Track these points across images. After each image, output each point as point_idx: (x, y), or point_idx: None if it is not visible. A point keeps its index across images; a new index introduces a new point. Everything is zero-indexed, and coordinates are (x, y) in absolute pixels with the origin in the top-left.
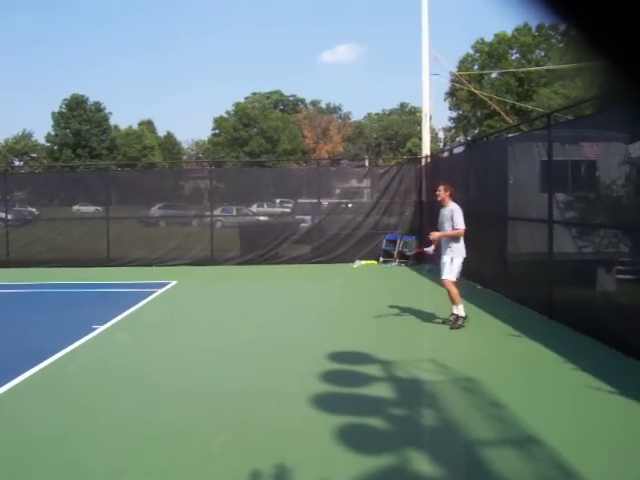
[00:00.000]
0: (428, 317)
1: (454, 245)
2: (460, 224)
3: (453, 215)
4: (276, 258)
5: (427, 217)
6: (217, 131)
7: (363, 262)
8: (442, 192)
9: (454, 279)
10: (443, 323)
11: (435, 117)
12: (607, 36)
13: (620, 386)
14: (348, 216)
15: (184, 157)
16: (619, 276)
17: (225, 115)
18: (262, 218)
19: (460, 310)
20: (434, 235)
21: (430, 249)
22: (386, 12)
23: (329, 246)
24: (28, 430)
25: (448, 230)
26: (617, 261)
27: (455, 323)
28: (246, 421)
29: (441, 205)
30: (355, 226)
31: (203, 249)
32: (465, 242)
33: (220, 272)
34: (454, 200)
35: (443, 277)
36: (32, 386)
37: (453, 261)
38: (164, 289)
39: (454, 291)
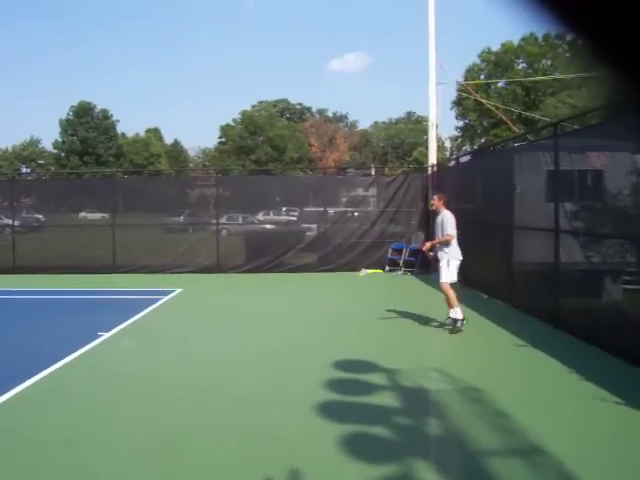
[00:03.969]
0: (434, 326)
1: (448, 249)
2: (448, 230)
3: (443, 222)
4: (282, 266)
5: (433, 226)
6: (224, 139)
7: (369, 271)
8: (436, 200)
9: (450, 281)
10: (440, 327)
11: (441, 126)
12: (613, 46)
13: (627, 397)
14: (354, 225)
15: (190, 165)
16: (626, 286)
17: (232, 123)
18: (268, 226)
19: (457, 313)
20: (426, 246)
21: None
22: (394, 21)
23: (335, 254)
24: (33, 435)
25: (439, 236)
26: (624, 271)
27: (454, 327)
28: (250, 428)
29: (436, 213)
30: (361, 235)
31: (209, 257)
32: (469, 251)
33: (226, 280)
34: (447, 207)
35: (441, 280)
36: (38, 392)
37: (450, 263)
38: (170, 296)
39: (451, 294)
